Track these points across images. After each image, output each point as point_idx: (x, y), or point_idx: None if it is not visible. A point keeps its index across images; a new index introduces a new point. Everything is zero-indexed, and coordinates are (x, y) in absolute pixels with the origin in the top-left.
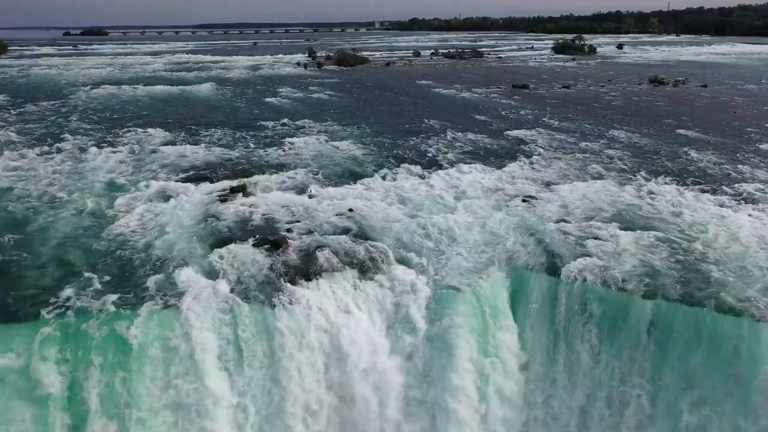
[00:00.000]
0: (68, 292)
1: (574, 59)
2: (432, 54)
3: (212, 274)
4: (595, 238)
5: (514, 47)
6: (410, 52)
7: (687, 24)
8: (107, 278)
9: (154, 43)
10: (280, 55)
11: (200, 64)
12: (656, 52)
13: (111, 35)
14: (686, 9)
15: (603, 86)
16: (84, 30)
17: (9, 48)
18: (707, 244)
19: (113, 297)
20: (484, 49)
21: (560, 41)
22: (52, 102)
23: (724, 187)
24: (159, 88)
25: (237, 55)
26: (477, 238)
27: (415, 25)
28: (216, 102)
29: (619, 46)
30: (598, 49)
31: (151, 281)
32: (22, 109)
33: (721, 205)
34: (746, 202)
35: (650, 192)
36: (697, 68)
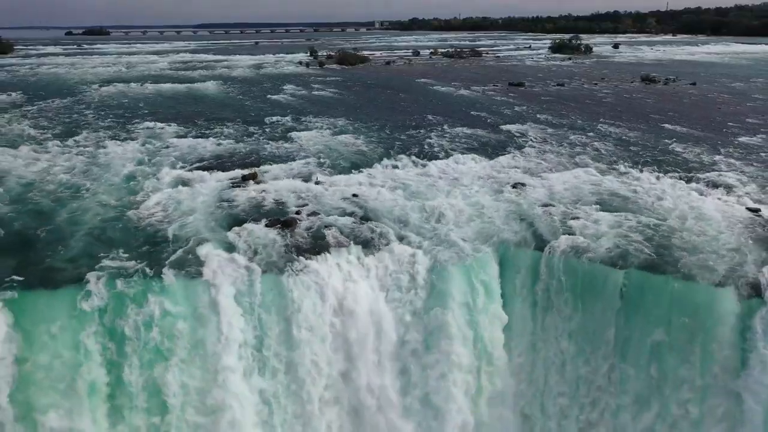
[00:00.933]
0: (101, 286)
1: (570, 58)
2: (431, 53)
3: (232, 249)
4: (577, 219)
5: (512, 47)
6: (410, 51)
7: (684, 24)
8: (137, 264)
9: (157, 43)
10: (282, 55)
11: (204, 63)
12: (651, 51)
13: (113, 35)
14: (684, 9)
15: (596, 84)
16: (86, 30)
17: (15, 47)
18: (678, 224)
19: (148, 286)
20: (482, 48)
21: (557, 41)
22: (65, 99)
23: (699, 175)
24: (167, 86)
25: (239, 54)
26: (469, 218)
27: (414, 25)
28: (223, 99)
29: (615, 46)
30: (595, 49)
31: (179, 260)
32: (37, 106)
33: (695, 191)
34: (717, 188)
35: (631, 179)
36: (689, 67)
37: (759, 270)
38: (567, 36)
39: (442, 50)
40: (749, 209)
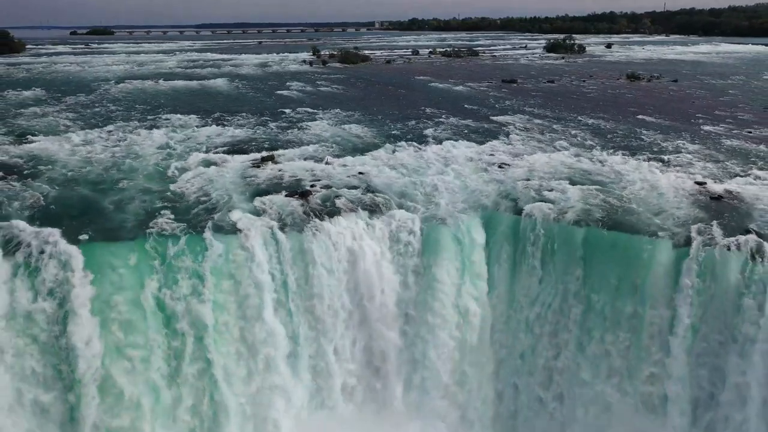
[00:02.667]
0: (156, 238)
1: (563, 57)
2: (430, 53)
3: (259, 213)
4: (551, 190)
5: (508, 47)
6: (409, 51)
7: (678, 25)
8: (182, 224)
9: (162, 42)
10: (286, 54)
11: (212, 62)
12: (642, 51)
13: (117, 35)
14: (680, 10)
15: (584, 81)
16: (90, 29)
17: (26, 46)
18: (634, 194)
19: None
20: (479, 48)
21: (551, 41)
22: (86, 95)
23: (661, 157)
24: (180, 83)
25: (245, 54)
26: (460, 191)
27: (414, 26)
28: (235, 94)
29: (608, 46)
30: (588, 48)
31: (216, 220)
32: (63, 101)
33: (655, 169)
34: (674, 166)
35: (600, 160)
36: (675, 66)
37: (691, 227)
38: (561, 36)
39: (441, 50)
40: (697, 183)
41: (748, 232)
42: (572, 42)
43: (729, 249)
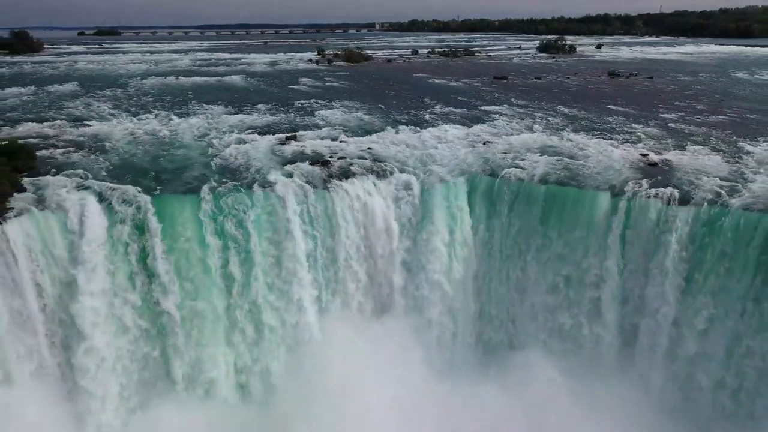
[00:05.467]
0: (211, 195)
1: (554, 57)
2: (429, 52)
3: (290, 176)
4: (523, 159)
5: (503, 47)
6: (409, 50)
7: (669, 26)
8: (230, 183)
9: (172, 43)
10: (292, 54)
11: (223, 61)
12: (629, 51)
13: (124, 35)
14: (673, 12)
15: (569, 78)
16: (96, 30)
17: (44, 46)
18: (589, 162)
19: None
20: (476, 48)
21: (544, 41)
22: (117, 89)
23: (617, 136)
24: (199, 79)
25: (253, 53)
26: (450, 161)
27: (414, 27)
28: (252, 88)
29: (598, 46)
30: (579, 49)
31: (257, 180)
32: (97, 94)
33: (610, 145)
34: (626, 143)
35: (569, 139)
36: (656, 65)
37: (627, 183)
38: (553, 37)
39: (439, 50)
40: (641, 154)
41: (667, 186)
42: (563, 42)
43: (650, 197)
